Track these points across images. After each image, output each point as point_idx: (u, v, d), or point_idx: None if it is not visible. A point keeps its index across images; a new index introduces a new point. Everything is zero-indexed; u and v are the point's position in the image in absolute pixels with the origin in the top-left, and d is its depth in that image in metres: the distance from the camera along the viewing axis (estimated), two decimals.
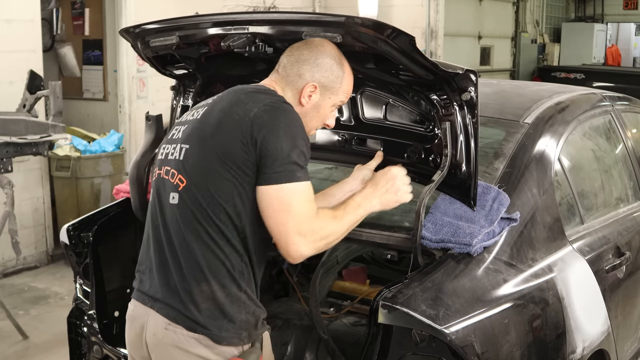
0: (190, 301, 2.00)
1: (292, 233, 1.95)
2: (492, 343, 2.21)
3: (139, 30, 2.71)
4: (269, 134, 1.98)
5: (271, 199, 1.97)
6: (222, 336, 2.01)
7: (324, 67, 2.21)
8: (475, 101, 2.36)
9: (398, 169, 2.36)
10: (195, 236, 2.01)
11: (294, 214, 1.96)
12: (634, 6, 18.25)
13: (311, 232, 1.98)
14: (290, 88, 2.21)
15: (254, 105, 2.04)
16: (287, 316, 3.37)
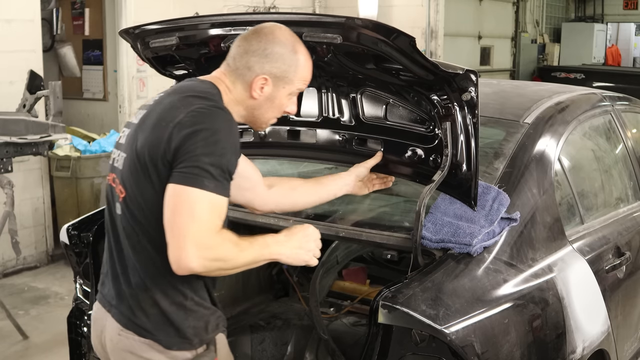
0: (138, 308, 2.00)
1: (188, 239, 1.81)
2: (492, 343, 2.21)
3: (138, 31, 2.71)
4: (186, 137, 1.88)
5: (175, 199, 1.85)
6: (172, 341, 2.01)
7: (274, 57, 2.08)
8: (476, 101, 2.37)
9: (316, 230, 2.19)
10: (135, 247, 2.00)
11: (196, 221, 1.83)
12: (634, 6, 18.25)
13: (207, 247, 1.84)
14: (240, 81, 2.10)
15: (182, 111, 1.94)
16: (287, 316, 3.37)
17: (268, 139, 2.96)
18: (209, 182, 1.86)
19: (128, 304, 2.02)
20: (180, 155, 1.88)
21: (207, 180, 1.86)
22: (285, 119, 2.89)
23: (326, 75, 2.69)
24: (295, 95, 2.20)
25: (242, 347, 3.29)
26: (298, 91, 2.19)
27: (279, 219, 2.80)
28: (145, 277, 1.99)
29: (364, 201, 2.98)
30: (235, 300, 3.54)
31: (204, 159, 1.87)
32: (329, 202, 2.92)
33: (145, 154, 1.95)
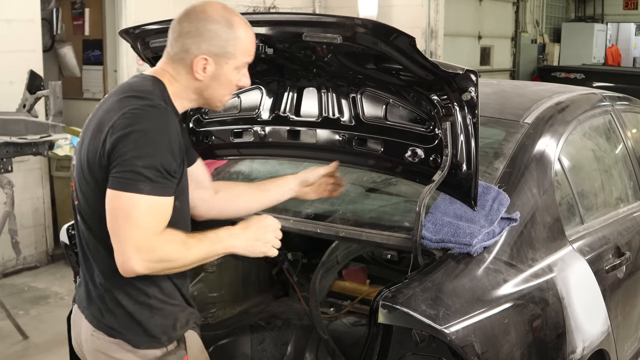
0: (105, 309, 2.02)
1: (129, 245, 1.83)
2: (492, 343, 2.21)
3: (138, 31, 2.71)
4: (117, 140, 1.87)
5: (112, 205, 1.86)
6: (140, 340, 2.01)
7: (208, 35, 2.02)
8: (476, 101, 2.37)
9: (274, 220, 2.17)
10: (92, 251, 2.03)
11: (134, 226, 1.83)
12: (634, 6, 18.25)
13: (148, 251, 1.84)
14: (182, 66, 2.06)
15: (117, 114, 1.93)
16: (287, 316, 3.37)
17: (268, 139, 2.96)
18: (144, 185, 1.85)
19: (97, 306, 2.04)
20: (113, 160, 1.88)
21: (142, 184, 1.84)
22: (285, 118, 2.89)
23: (326, 75, 2.69)
24: (243, 68, 2.14)
25: (242, 347, 3.29)
26: (245, 64, 2.14)
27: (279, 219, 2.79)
28: (107, 278, 2.00)
29: (364, 201, 2.98)
30: (235, 300, 3.54)
31: (137, 162, 1.85)
32: (329, 202, 2.92)
33: (86, 160, 1.97)
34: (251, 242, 2.11)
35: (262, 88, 2.90)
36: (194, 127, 3.06)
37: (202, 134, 3.07)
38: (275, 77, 2.83)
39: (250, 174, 3.38)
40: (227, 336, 3.31)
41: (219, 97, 2.15)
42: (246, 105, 2.96)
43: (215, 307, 3.47)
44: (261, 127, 2.96)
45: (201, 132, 3.07)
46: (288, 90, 2.85)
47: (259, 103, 2.93)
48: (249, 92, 2.95)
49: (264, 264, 3.66)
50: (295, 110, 2.87)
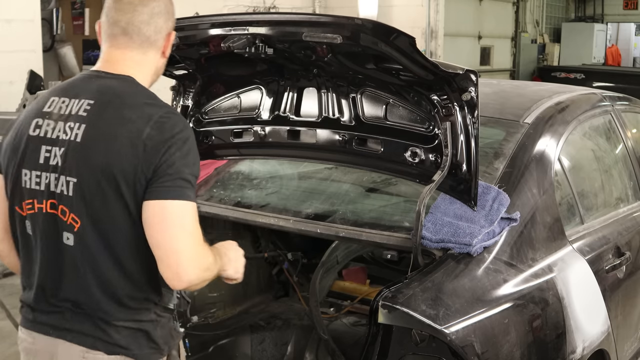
0: (107, 325, 1.91)
1: (185, 254, 1.80)
2: (492, 343, 2.21)
3: None
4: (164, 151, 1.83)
5: (162, 215, 1.81)
6: (144, 353, 1.95)
7: (172, 10, 2.01)
8: (476, 101, 2.37)
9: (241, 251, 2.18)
10: (97, 273, 1.90)
11: (188, 234, 1.81)
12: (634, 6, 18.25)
13: (200, 258, 1.85)
14: (153, 47, 1.98)
15: (143, 124, 1.85)
16: (287, 316, 3.37)
17: (268, 139, 2.96)
18: (190, 192, 1.84)
19: (95, 325, 1.92)
20: (160, 171, 1.82)
21: (189, 191, 1.84)
22: (285, 118, 2.89)
23: (326, 75, 2.69)
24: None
25: (242, 347, 3.29)
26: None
27: (279, 219, 2.80)
28: (115, 294, 1.91)
29: (364, 201, 2.99)
30: (235, 300, 3.54)
31: (185, 170, 1.84)
32: (329, 202, 2.92)
33: (115, 175, 1.83)
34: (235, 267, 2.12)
35: (262, 88, 2.90)
36: (194, 127, 3.06)
37: (202, 134, 3.07)
38: (275, 77, 2.83)
39: (250, 174, 3.38)
40: (227, 336, 3.31)
41: (161, 72, 2.11)
42: (246, 105, 2.97)
43: (215, 307, 3.47)
44: (261, 127, 2.96)
45: (201, 132, 3.07)
46: (288, 90, 2.85)
47: (259, 103, 2.93)
48: (249, 92, 2.95)
49: (264, 264, 3.67)
50: (295, 110, 2.87)
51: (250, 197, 3.08)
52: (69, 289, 1.93)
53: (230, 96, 3.00)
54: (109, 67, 1.97)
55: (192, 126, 3.05)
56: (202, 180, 3.23)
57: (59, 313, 1.95)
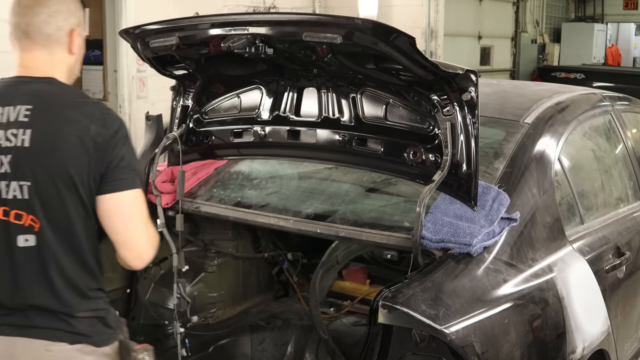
0: (71, 318, 2.00)
1: (144, 236, 2.02)
2: (492, 343, 2.21)
3: (138, 31, 2.71)
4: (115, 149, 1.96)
5: (119, 206, 1.98)
6: (103, 338, 2.06)
7: (73, 8, 2.08)
8: (476, 101, 2.37)
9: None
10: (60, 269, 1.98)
11: (144, 217, 2.01)
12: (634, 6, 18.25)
13: (153, 237, 2.06)
14: (57, 45, 2.04)
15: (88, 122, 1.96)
16: (287, 316, 3.37)
17: (268, 139, 2.96)
18: (138, 180, 2.02)
19: (57, 317, 1.99)
20: (112, 166, 1.95)
21: (137, 179, 2.02)
22: (285, 119, 2.89)
23: (326, 75, 2.69)
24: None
25: (242, 347, 3.29)
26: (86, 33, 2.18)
27: (279, 219, 2.80)
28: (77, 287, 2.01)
29: (364, 201, 2.99)
30: (235, 300, 3.54)
31: (132, 161, 2.01)
32: (329, 202, 2.92)
33: (69, 174, 1.93)
34: None
35: (262, 88, 2.90)
36: (194, 127, 3.06)
37: (202, 134, 3.07)
38: (275, 77, 2.84)
39: (250, 174, 3.38)
40: (227, 336, 3.31)
41: (79, 69, 2.18)
42: (246, 105, 2.97)
43: (215, 307, 3.47)
44: (261, 127, 2.96)
45: (201, 132, 3.07)
46: (288, 90, 2.85)
47: (259, 103, 2.93)
48: (249, 92, 2.95)
49: (264, 264, 3.67)
50: (295, 110, 2.87)
51: (250, 197, 3.08)
52: (29, 290, 1.98)
53: (230, 96, 3.00)
54: (29, 72, 2.04)
55: (192, 126, 3.06)
56: (202, 181, 3.23)
57: (19, 312, 2.00)
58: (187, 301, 3.03)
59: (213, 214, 3.01)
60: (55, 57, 2.05)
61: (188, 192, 3.11)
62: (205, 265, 3.46)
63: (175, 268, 2.94)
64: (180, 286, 2.97)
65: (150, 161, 2.97)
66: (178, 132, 3.02)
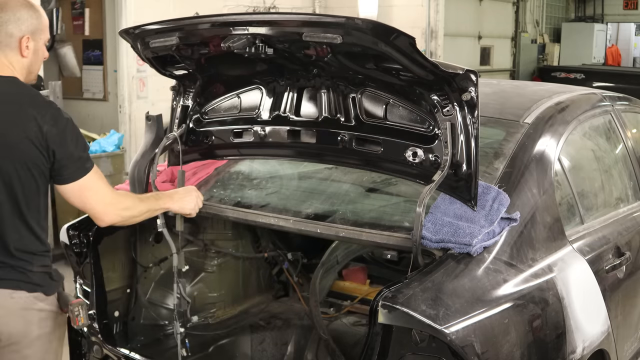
0: (28, 272, 2.45)
1: (101, 205, 2.48)
2: (492, 343, 2.21)
3: (138, 31, 2.71)
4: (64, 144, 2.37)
5: (75, 192, 2.44)
6: (50, 288, 2.51)
7: (24, 17, 2.42)
8: (476, 101, 2.37)
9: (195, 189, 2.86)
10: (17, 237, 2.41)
11: (101, 192, 2.47)
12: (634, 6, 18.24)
13: (115, 203, 2.52)
14: (9, 49, 2.42)
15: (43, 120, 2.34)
16: (287, 316, 3.38)
17: (268, 139, 2.96)
18: (89, 163, 2.43)
19: (17, 272, 2.43)
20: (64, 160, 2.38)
21: (87, 162, 2.43)
22: (285, 119, 2.89)
23: (326, 75, 2.69)
24: (47, 42, 2.55)
25: (242, 347, 3.29)
26: (49, 37, 2.56)
27: (279, 219, 2.80)
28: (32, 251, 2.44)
29: (364, 201, 2.99)
30: (235, 300, 3.54)
31: (81, 151, 2.42)
32: (329, 202, 2.92)
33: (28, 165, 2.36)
34: (179, 200, 2.77)
35: (262, 88, 2.90)
36: (194, 127, 3.06)
37: (202, 134, 3.07)
38: (275, 77, 2.84)
39: (250, 174, 3.38)
40: (227, 336, 3.31)
41: (36, 69, 2.55)
42: (246, 105, 2.97)
43: (215, 307, 3.48)
44: (261, 127, 2.96)
45: (201, 132, 3.07)
46: (288, 90, 2.85)
47: (259, 103, 2.93)
48: (249, 92, 2.95)
49: (264, 264, 3.67)
50: (295, 110, 2.87)
51: (250, 197, 3.08)
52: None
53: (230, 96, 3.00)
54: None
55: (192, 126, 3.05)
56: (202, 181, 3.23)
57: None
58: (187, 301, 3.03)
59: (213, 214, 3.01)
60: (8, 59, 2.43)
61: None
62: (205, 265, 3.46)
63: (175, 268, 2.94)
64: (180, 286, 2.97)
65: (150, 161, 2.97)
66: (178, 132, 3.02)
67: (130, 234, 3.18)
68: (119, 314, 3.12)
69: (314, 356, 3.05)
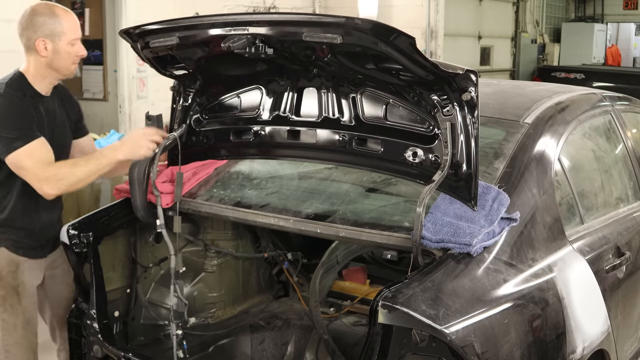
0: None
1: (36, 180, 2.76)
2: (492, 343, 2.21)
3: (138, 31, 2.71)
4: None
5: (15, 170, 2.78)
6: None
7: (37, 24, 2.89)
8: (476, 101, 2.36)
9: (147, 129, 2.90)
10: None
11: (31, 168, 2.75)
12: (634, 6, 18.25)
13: (50, 176, 2.75)
14: (30, 52, 2.94)
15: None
16: (287, 316, 3.37)
17: (268, 139, 2.96)
18: (15, 142, 2.73)
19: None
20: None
21: (14, 142, 2.73)
22: (285, 119, 2.89)
23: (326, 75, 2.69)
24: (76, 41, 2.98)
25: (242, 347, 3.29)
26: (76, 38, 2.97)
27: (278, 219, 2.80)
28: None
29: (364, 201, 2.99)
30: (235, 300, 3.54)
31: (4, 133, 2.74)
32: (329, 202, 2.92)
33: None
34: (130, 149, 2.85)
35: (262, 88, 2.90)
36: (194, 127, 3.06)
37: (202, 134, 3.07)
38: (275, 77, 2.83)
39: (250, 174, 3.38)
40: (227, 336, 3.31)
41: (65, 65, 3.00)
42: (246, 105, 2.97)
43: (215, 307, 3.47)
44: (261, 127, 2.96)
45: (201, 131, 3.07)
46: (288, 90, 2.85)
47: (259, 103, 2.93)
48: (249, 92, 2.95)
49: (264, 264, 3.67)
50: (295, 111, 2.87)
51: (250, 197, 3.08)
52: None
53: (230, 96, 3.00)
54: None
55: (193, 126, 3.06)
56: (202, 181, 3.23)
57: None
58: (184, 303, 3.03)
59: (213, 214, 3.01)
60: (29, 58, 2.96)
61: (188, 192, 3.12)
62: (205, 265, 3.46)
63: (173, 270, 2.94)
64: (178, 288, 2.97)
65: (150, 161, 2.97)
66: (178, 133, 3.02)
67: (130, 234, 3.18)
68: (119, 314, 3.12)
69: (314, 356, 3.05)
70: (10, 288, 2.95)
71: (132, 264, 3.21)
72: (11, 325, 2.97)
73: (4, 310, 2.95)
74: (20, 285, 2.98)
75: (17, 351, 3.02)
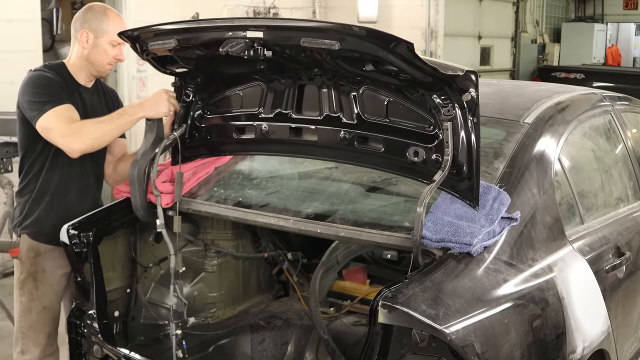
0: None
1: (62, 138, 2.90)
2: (492, 343, 2.21)
3: (137, 34, 2.72)
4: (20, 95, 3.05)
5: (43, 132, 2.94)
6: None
7: (87, 18, 3.08)
8: (476, 101, 2.36)
9: (167, 90, 3.00)
10: None
11: (58, 128, 2.89)
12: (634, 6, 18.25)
13: (75, 134, 2.88)
14: (75, 43, 3.13)
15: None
16: (287, 316, 3.37)
17: (269, 136, 2.96)
18: (46, 106, 2.92)
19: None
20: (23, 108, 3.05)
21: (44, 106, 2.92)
22: (286, 116, 2.89)
23: (327, 74, 2.69)
24: (117, 44, 3.08)
25: (242, 347, 3.29)
26: (116, 40, 3.02)
27: (278, 219, 2.80)
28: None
29: (364, 201, 2.99)
30: (235, 300, 3.54)
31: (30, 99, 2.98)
32: (329, 202, 2.92)
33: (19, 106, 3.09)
34: (152, 107, 2.97)
35: (264, 85, 2.90)
36: (197, 122, 3.06)
37: (204, 130, 3.07)
38: (276, 75, 2.84)
39: (250, 173, 3.38)
40: (227, 336, 3.31)
41: (103, 62, 3.12)
42: (248, 102, 2.97)
43: (215, 307, 3.47)
44: (263, 124, 2.96)
45: (203, 128, 3.07)
46: (289, 88, 2.85)
47: (261, 100, 2.93)
48: (251, 89, 2.95)
49: (264, 264, 3.67)
50: (296, 108, 2.87)
51: (251, 197, 3.08)
52: None
53: (231, 93, 3.00)
54: None
55: (194, 123, 3.06)
56: (202, 180, 3.23)
57: None
58: (184, 303, 3.03)
59: (213, 214, 3.01)
60: (74, 48, 3.14)
61: (188, 192, 3.12)
62: (205, 265, 3.46)
63: (173, 269, 2.94)
64: (177, 287, 2.97)
65: (151, 161, 2.97)
66: (178, 132, 3.02)
67: (130, 234, 3.18)
68: (119, 314, 3.12)
69: (314, 356, 3.05)
70: (27, 273, 3.10)
71: (132, 264, 3.21)
72: (27, 308, 3.11)
73: (23, 293, 3.11)
74: (40, 272, 3.11)
75: (32, 334, 3.13)
